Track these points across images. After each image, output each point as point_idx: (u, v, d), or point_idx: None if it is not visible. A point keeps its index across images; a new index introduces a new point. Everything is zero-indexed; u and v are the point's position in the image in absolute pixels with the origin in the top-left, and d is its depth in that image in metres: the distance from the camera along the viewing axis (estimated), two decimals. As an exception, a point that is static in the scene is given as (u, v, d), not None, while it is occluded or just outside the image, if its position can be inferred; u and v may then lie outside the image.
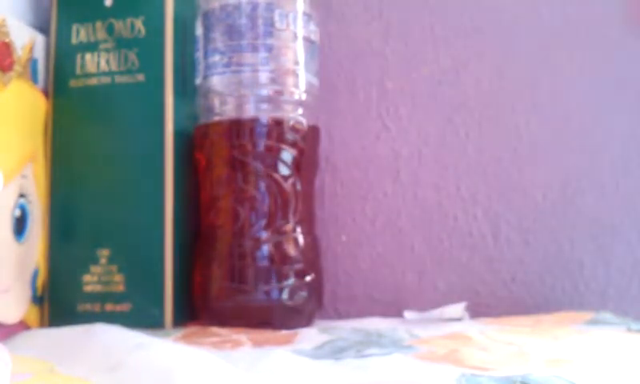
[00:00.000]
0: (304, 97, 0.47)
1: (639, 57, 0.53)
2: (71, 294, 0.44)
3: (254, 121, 0.45)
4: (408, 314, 0.50)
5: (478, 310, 0.51)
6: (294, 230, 0.45)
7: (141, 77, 0.45)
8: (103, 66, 0.45)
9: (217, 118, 0.46)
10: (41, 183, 0.45)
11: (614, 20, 0.53)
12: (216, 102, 0.46)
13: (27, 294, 0.43)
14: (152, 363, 0.29)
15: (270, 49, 0.45)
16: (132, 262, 0.44)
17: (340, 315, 0.53)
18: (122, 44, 0.45)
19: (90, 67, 0.45)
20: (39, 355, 0.33)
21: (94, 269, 0.44)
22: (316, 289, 0.47)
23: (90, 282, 0.44)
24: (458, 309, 0.48)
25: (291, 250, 0.45)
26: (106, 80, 0.45)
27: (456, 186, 0.54)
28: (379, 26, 0.55)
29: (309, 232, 0.47)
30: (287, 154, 0.45)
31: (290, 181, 0.46)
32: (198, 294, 0.46)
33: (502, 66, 0.54)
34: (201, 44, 0.47)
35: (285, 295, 0.44)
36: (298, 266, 0.45)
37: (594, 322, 0.44)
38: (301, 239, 0.46)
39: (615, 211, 0.52)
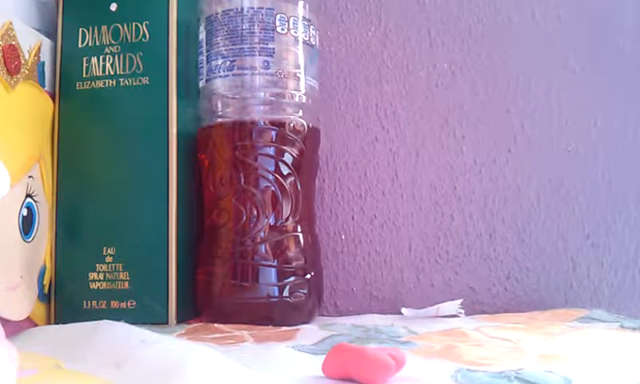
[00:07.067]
0: (304, 99, 0.47)
1: (634, 58, 0.54)
2: (77, 291, 0.45)
3: (256, 123, 0.46)
4: (405, 311, 0.50)
5: (473, 307, 0.52)
6: (295, 229, 0.46)
7: (145, 80, 0.45)
8: (109, 69, 0.46)
9: (219, 120, 0.47)
10: (48, 183, 0.45)
11: (609, 22, 0.54)
12: (219, 104, 0.47)
13: (34, 291, 0.43)
14: (156, 359, 0.29)
15: (271, 53, 0.46)
16: (137, 261, 0.44)
17: (339, 312, 0.54)
18: (126, 48, 0.46)
19: (96, 70, 0.46)
20: (46, 351, 0.34)
21: (100, 267, 0.45)
22: (316, 286, 0.47)
23: (96, 279, 0.45)
24: (453, 306, 0.49)
25: (292, 249, 0.46)
26: (112, 83, 0.46)
27: (452, 185, 0.54)
28: (378, 31, 0.56)
29: (309, 231, 0.48)
30: (288, 155, 0.46)
31: (291, 181, 0.46)
32: (201, 292, 0.46)
33: (496, 69, 0.55)
34: (204, 48, 0.47)
35: (286, 293, 0.45)
36: (299, 264, 0.46)
37: (587, 319, 0.44)
38: (301, 238, 0.46)
39: (608, 210, 0.53)
